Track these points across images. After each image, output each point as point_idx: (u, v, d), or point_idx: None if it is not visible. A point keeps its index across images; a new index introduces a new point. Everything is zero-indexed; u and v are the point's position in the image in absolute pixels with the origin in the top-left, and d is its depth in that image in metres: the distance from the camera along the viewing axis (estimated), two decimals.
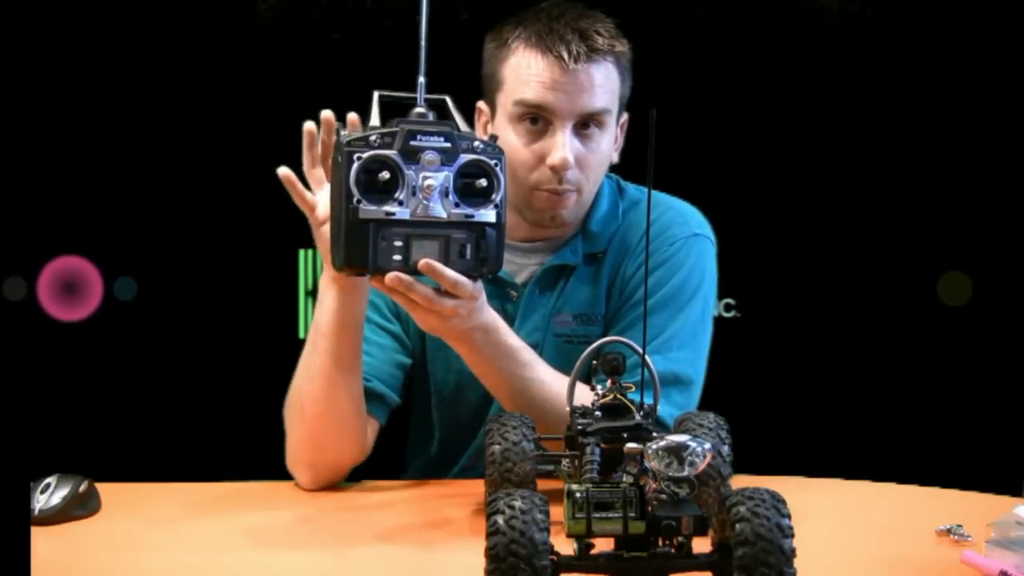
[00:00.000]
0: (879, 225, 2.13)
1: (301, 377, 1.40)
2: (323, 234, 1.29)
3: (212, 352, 2.06)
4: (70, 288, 2.04)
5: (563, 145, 1.45)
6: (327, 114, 1.30)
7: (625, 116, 1.56)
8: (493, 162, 1.24)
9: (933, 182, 2.11)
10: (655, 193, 1.59)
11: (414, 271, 1.22)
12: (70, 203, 2.04)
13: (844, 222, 2.13)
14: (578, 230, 1.57)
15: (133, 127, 2.04)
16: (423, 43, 1.23)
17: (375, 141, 1.21)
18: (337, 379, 1.37)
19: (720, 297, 2.14)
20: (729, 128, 2.09)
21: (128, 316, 2.07)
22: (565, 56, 1.43)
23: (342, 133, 1.23)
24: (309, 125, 1.29)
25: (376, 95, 1.25)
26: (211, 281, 2.05)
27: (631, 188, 1.62)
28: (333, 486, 1.44)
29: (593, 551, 0.91)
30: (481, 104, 1.56)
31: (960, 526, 1.23)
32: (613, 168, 1.59)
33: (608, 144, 1.51)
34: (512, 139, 1.48)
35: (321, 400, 1.39)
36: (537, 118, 1.46)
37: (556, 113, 1.45)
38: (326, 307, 1.36)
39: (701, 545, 0.90)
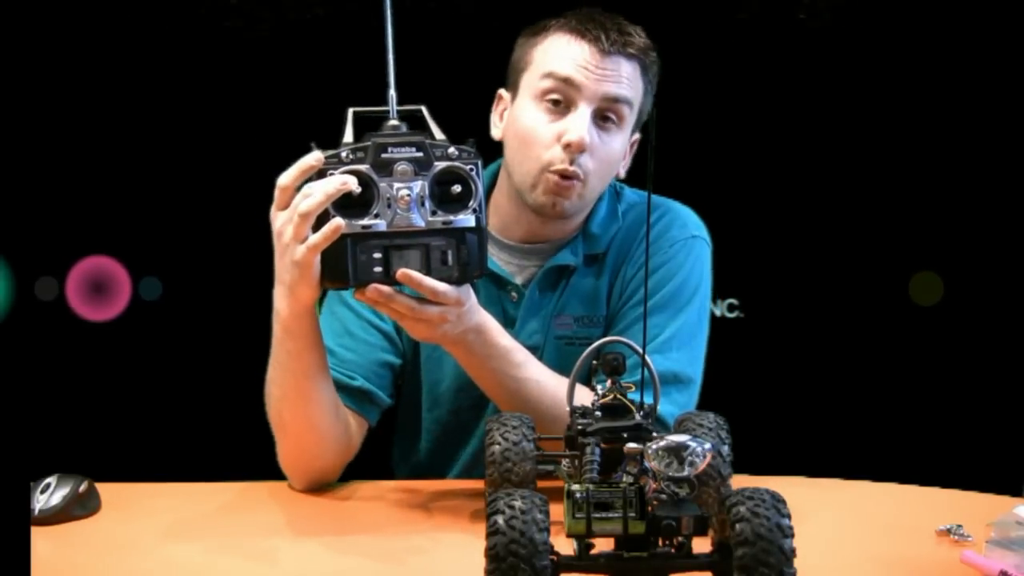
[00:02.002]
0: (879, 225, 2.13)
1: (276, 395, 1.38)
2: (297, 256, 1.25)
3: (218, 353, 2.07)
4: (99, 288, 2.05)
5: (583, 125, 1.45)
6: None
7: (637, 135, 1.56)
8: (469, 167, 1.24)
9: (929, 181, 2.11)
10: (653, 195, 1.59)
11: (395, 282, 1.23)
12: (91, 202, 2.06)
13: (845, 223, 2.13)
14: (578, 232, 1.57)
15: (157, 129, 2.05)
16: (391, 56, 1.24)
17: (347, 157, 1.22)
18: (312, 393, 1.37)
19: (723, 297, 2.14)
20: (731, 128, 2.09)
21: (143, 317, 2.08)
22: (603, 40, 1.45)
23: (315, 152, 1.23)
24: (319, 157, 1.24)
25: (350, 112, 1.27)
26: (226, 282, 2.06)
27: (628, 191, 1.63)
28: (331, 486, 1.44)
29: (593, 551, 0.91)
30: (502, 91, 1.56)
31: (960, 526, 1.23)
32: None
33: (620, 146, 1.51)
34: (532, 116, 1.48)
35: (300, 416, 1.38)
36: (560, 99, 1.47)
37: (581, 91, 1.46)
38: (301, 331, 1.32)
39: (701, 545, 0.90)
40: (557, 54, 1.47)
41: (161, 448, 2.05)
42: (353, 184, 1.21)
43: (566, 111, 1.47)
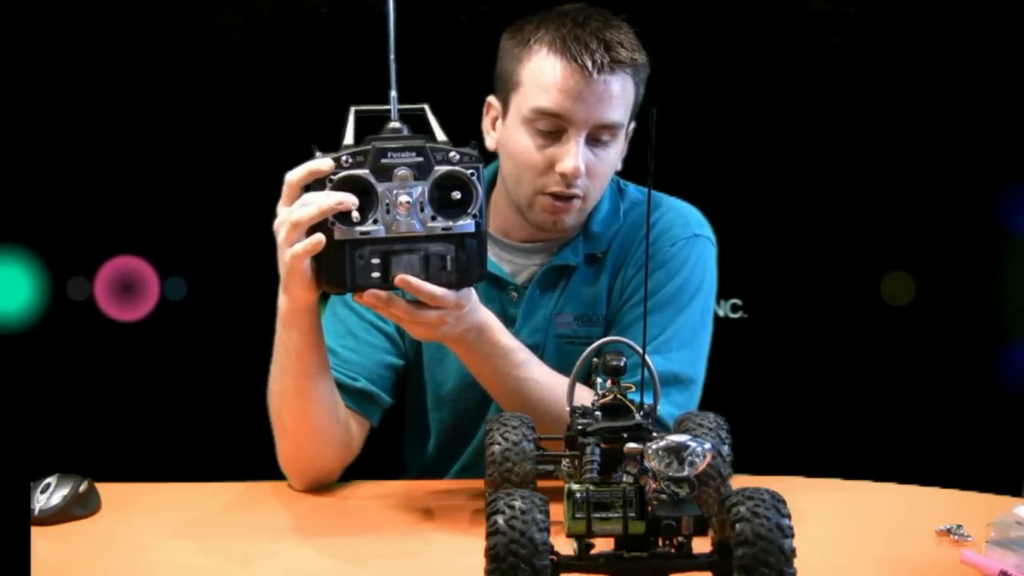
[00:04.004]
0: (883, 225, 2.13)
1: (276, 393, 1.39)
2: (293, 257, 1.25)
3: (227, 353, 2.07)
4: (127, 288, 2.06)
5: (576, 154, 1.44)
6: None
7: (633, 124, 1.55)
8: (469, 172, 1.23)
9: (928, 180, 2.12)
10: (655, 193, 1.59)
11: (394, 287, 1.23)
12: (114, 203, 2.08)
13: (846, 223, 2.13)
14: (579, 230, 1.57)
15: (180, 131, 2.08)
16: (392, 56, 1.23)
17: (346, 162, 1.21)
18: (311, 393, 1.37)
19: (726, 298, 2.14)
20: (734, 128, 2.10)
21: (168, 317, 2.09)
22: (588, 66, 1.42)
23: (316, 155, 1.23)
24: (329, 164, 1.23)
25: (352, 111, 1.26)
26: (247, 283, 2.07)
27: (631, 188, 1.62)
28: (332, 486, 1.44)
29: (593, 551, 0.91)
30: (491, 99, 1.55)
31: (960, 526, 1.23)
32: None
33: (617, 154, 1.51)
34: (524, 142, 1.47)
35: (299, 416, 1.39)
36: (551, 124, 1.45)
37: (572, 121, 1.44)
38: (300, 329, 1.32)
39: (701, 545, 0.90)
40: (543, 82, 1.44)
41: (161, 448, 2.05)
42: (351, 202, 1.20)
43: (558, 136, 1.46)
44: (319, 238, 1.21)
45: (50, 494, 1.30)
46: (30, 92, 1.92)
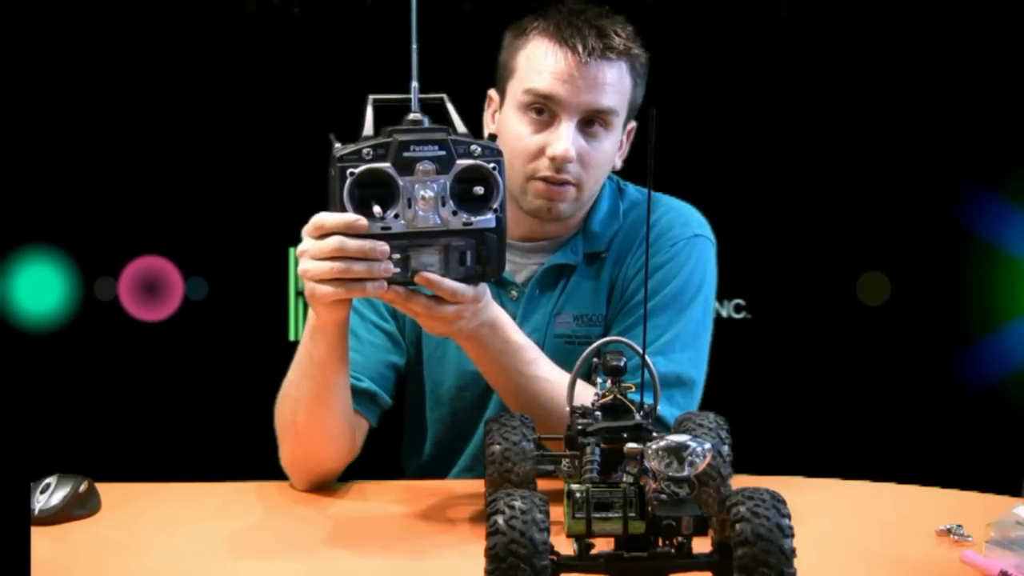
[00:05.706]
0: (885, 226, 2.14)
1: (293, 399, 1.39)
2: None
3: (213, 352, 2.07)
4: (151, 288, 2.07)
5: (566, 137, 1.45)
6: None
7: (633, 124, 1.55)
8: (491, 165, 1.22)
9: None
10: (655, 193, 1.59)
11: (413, 283, 1.22)
12: (138, 203, 2.10)
13: (849, 223, 2.14)
14: (579, 229, 1.57)
15: (201, 133, 2.09)
16: (415, 46, 1.22)
17: (368, 155, 1.19)
18: (330, 401, 1.37)
19: (730, 298, 2.14)
20: (737, 127, 2.10)
21: (189, 317, 2.09)
22: (580, 49, 1.44)
23: (335, 146, 1.21)
24: (364, 224, 1.20)
25: (370, 99, 1.23)
26: (222, 282, 2.07)
27: (631, 188, 1.62)
28: (332, 486, 1.44)
29: (593, 551, 0.91)
30: (492, 92, 1.56)
31: (960, 526, 1.23)
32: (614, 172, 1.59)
33: (612, 145, 1.51)
34: (517, 127, 1.48)
35: (316, 421, 1.39)
36: (543, 109, 1.47)
37: (563, 105, 1.45)
38: (328, 342, 1.32)
39: (701, 545, 0.90)
40: (537, 66, 1.46)
41: (159, 448, 2.05)
42: (362, 224, 1.19)
43: (550, 121, 1.47)
44: (344, 292, 1.21)
45: (50, 494, 1.30)
46: (57, 96, 1.93)
